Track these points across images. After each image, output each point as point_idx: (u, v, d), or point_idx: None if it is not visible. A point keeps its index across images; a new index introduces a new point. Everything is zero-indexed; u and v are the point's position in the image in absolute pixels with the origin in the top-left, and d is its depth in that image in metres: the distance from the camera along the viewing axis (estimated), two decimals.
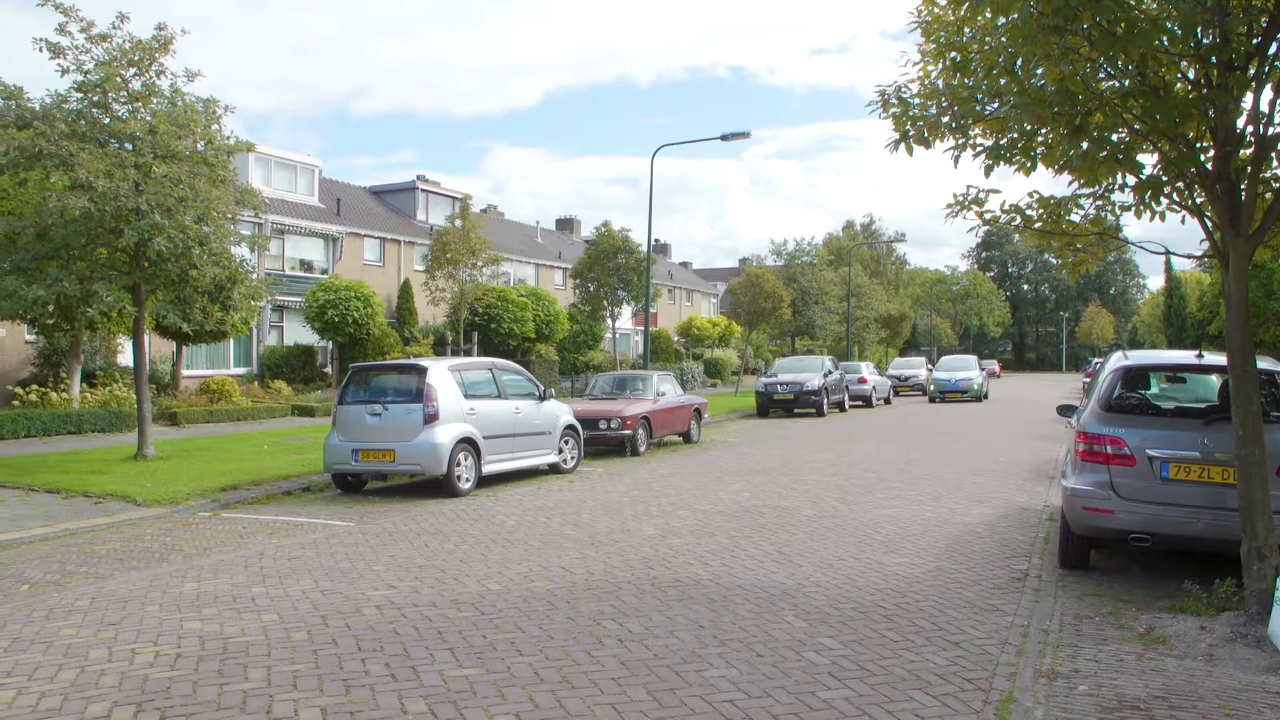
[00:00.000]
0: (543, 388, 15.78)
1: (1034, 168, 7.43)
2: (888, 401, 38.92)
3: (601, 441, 18.53)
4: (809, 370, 31.82)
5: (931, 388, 40.40)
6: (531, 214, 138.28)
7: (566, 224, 64.94)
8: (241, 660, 5.98)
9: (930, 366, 45.35)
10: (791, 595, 7.52)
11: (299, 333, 35.56)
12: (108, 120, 15.58)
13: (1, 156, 15.70)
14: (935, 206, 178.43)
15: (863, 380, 36.44)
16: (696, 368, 50.12)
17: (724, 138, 28.60)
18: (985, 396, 40.58)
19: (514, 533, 10.39)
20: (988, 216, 8.20)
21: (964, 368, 41.37)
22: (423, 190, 45.85)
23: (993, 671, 5.74)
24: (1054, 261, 12.18)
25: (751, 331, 50.95)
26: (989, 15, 6.88)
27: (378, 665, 5.85)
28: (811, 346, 58.39)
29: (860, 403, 36.11)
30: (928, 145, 7.70)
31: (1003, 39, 6.92)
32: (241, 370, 33.51)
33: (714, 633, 6.50)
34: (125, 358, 28.45)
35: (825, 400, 30.77)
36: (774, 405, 30.59)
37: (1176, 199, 7.23)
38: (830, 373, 32.43)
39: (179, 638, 6.47)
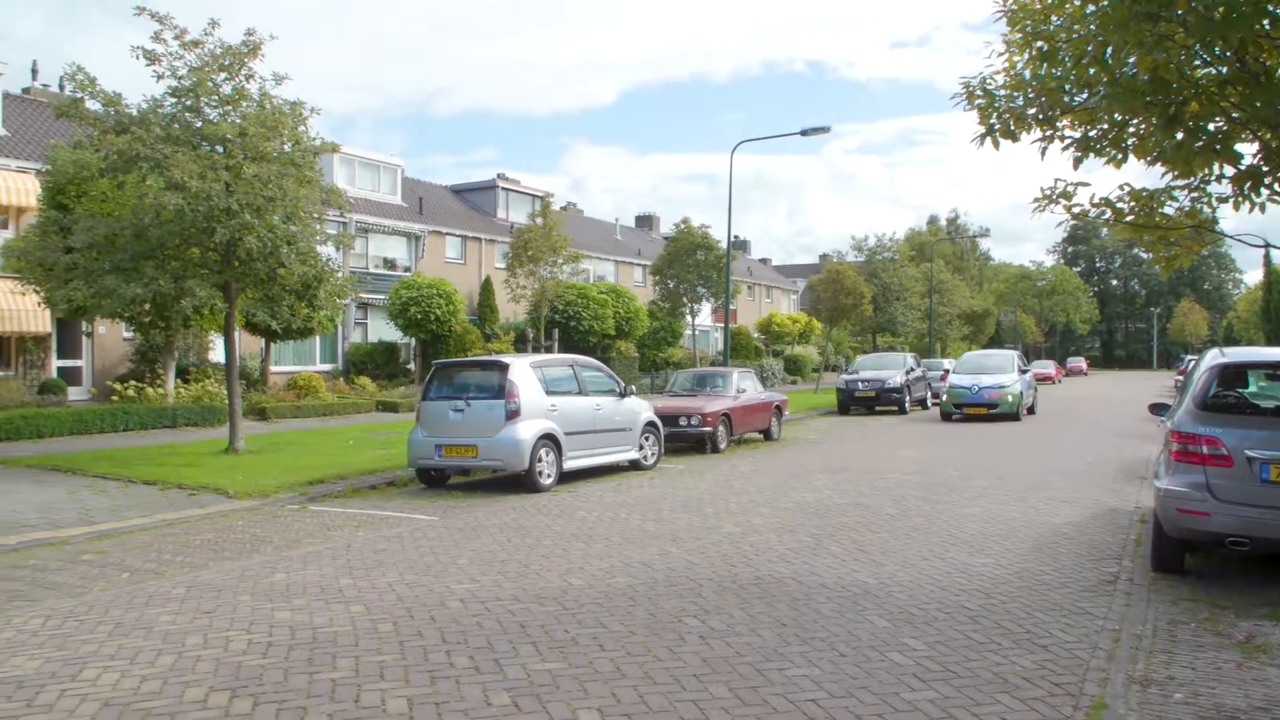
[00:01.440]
0: (623, 384, 15.84)
1: (1125, 160, 7.23)
2: None
3: (681, 438, 18.52)
4: (891, 367, 31.43)
5: (944, 398, 27.88)
6: (610, 211, 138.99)
7: (645, 221, 65.06)
8: (330, 650, 6.11)
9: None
10: (874, 594, 7.45)
11: (383, 330, 36.18)
12: (200, 124, 16.00)
13: (101, 161, 16.29)
14: (1020, 200, 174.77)
15: (945, 377, 35.83)
16: (776, 365, 49.87)
17: (804, 133, 28.39)
18: (1031, 411, 29.05)
19: (595, 528, 10.44)
20: (1076, 210, 7.98)
21: (995, 369, 28.32)
22: (503, 188, 46.30)
23: (1083, 676, 5.61)
24: (1145, 256, 11.91)
25: (832, 328, 50.45)
26: (1077, 2, 6.72)
27: (462, 658, 5.93)
28: (893, 343, 57.68)
29: None
30: (1014, 138, 7.55)
31: (1092, 27, 6.73)
32: (327, 366, 34.20)
33: (796, 631, 6.47)
34: (216, 354, 29.23)
35: (907, 398, 30.36)
36: (855, 403, 30.28)
37: (1278, 189, 6.99)
38: (912, 370, 32.00)
39: (270, 627, 6.63)
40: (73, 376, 27.44)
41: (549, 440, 13.63)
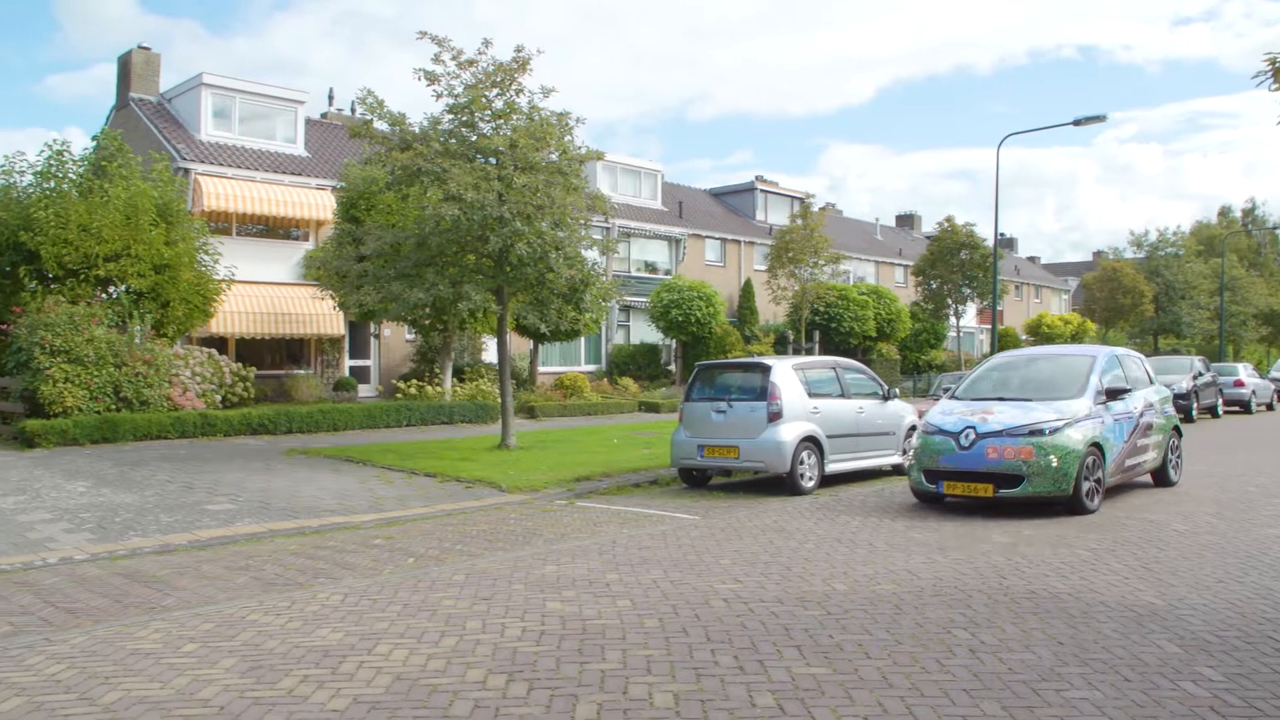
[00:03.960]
0: (886, 387, 15.52)
1: None
2: (1270, 407, 34.93)
3: None
4: (1175, 371, 29.16)
5: (913, 453, 12.42)
6: (868, 211, 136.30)
7: (906, 220, 63.50)
8: (599, 641, 6.30)
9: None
10: (1162, 616, 6.92)
11: (644, 331, 37.05)
12: (474, 137, 16.94)
13: (388, 176, 17.50)
14: None
15: (1239, 383, 32.88)
16: None
17: (1076, 122, 26.94)
18: (1164, 480, 13.72)
19: (858, 534, 10.27)
20: None
21: (1044, 385, 12.56)
22: (761, 190, 46.40)
23: None
24: None
25: (1108, 329, 47.48)
26: None
27: (726, 657, 5.97)
28: (1177, 346, 53.55)
29: (1237, 408, 32.67)
30: None
31: None
32: (591, 367, 35.37)
33: (1074, 651, 6.10)
34: (489, 355, 30.85)
35: (1194, 404, 28.08)
36: None
37: None
38: (1200, 374, 29.53)
39: (543, 616, 6.92)
40: (362, 375, 29.74)
41: (811, 443, 13.53)
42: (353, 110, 30.60)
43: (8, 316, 19.47)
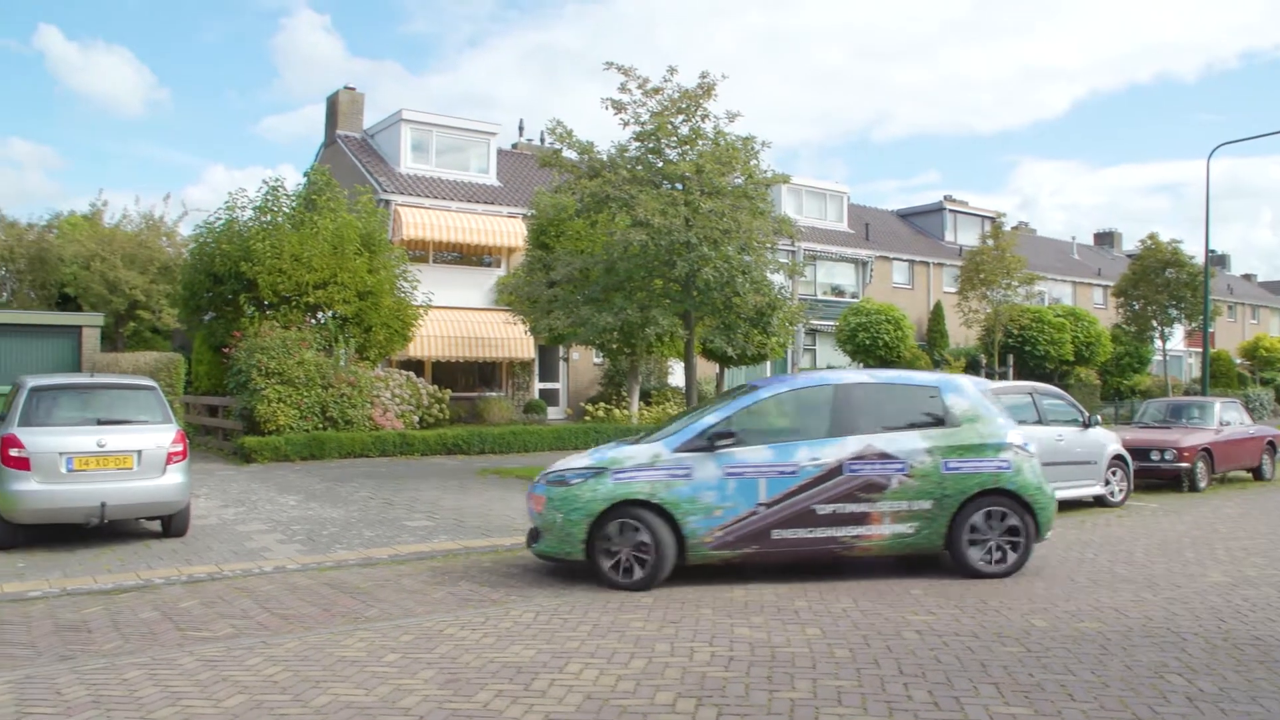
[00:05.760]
0: (1086, 414, 14.80)
1: None
2: None
3: (1153, 474, 16.91)
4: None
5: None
6: (1063, 229, 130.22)
7: (1105, 238, 60.56)
8: (788, 669, 6.21)
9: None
10: None
11: (830, 355, 36.58)
12: (660, 164, 17.17)
13: (577, 202, 17.94)
14: None
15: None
16: (1265, 394, 44.22)
17: None
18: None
19: (1058, 567, 9.80)
20: None
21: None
22: (950, 210, 45.26)
23: None
24: None
25: None
26: None
27: (920, 691, 5.79)
28: None
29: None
30: None
31: None
32: None
33: None
34: (675, 379, 31.08)
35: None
36: None
37: None
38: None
39: (731, 641, 6.88)
40: (551, 398, 30.47)
41: None
42: (542, 140, 31.59)
43: (229, 341, 20.87)
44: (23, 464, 9.92)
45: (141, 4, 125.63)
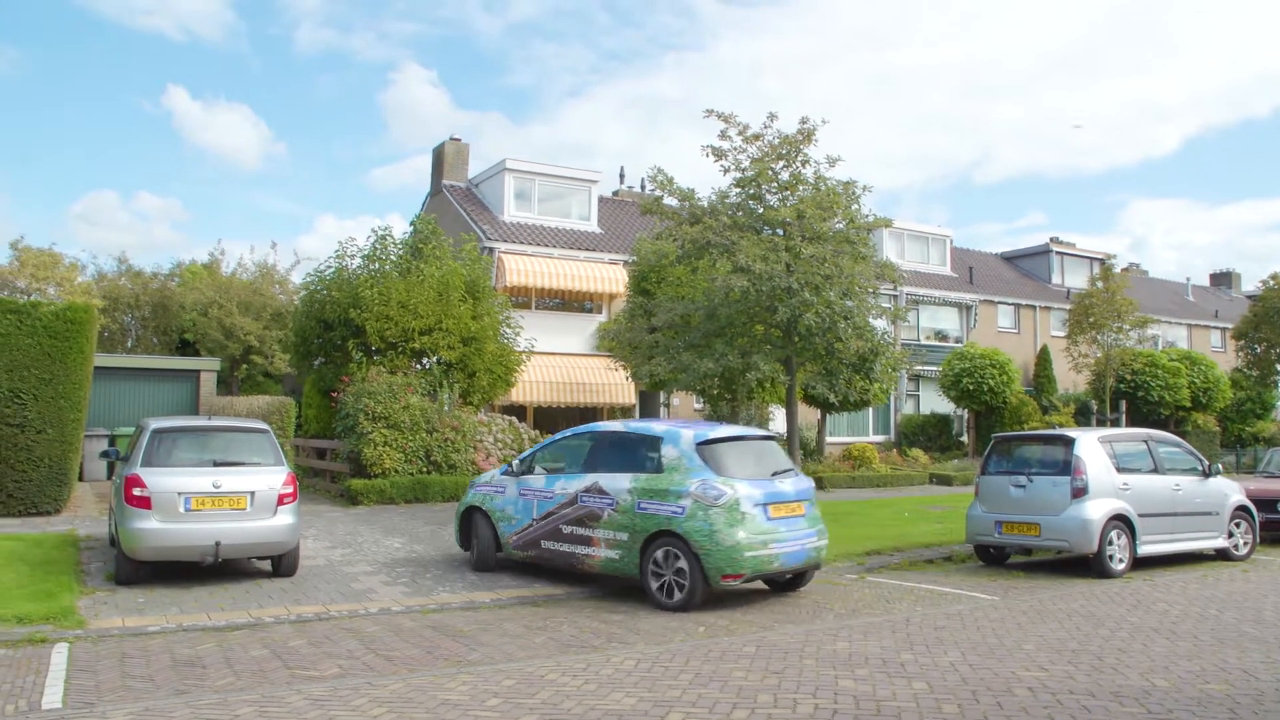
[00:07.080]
0: (1206, 462, 14.23)
1: None
2: None
3: None
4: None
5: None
6: (1177, 270, 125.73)
7: (1223, 278, 58.44)
8: None
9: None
10: None
11: (934, 401, 35.93)
12: (761, 209, 17.19)
13: (677, 249, 18.03)
14: None
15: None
16: None
17: None
18: None
19: (1179, 624, 9.39)
20: None
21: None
22: (1056, 252, 44.24)
23: None
24: None
25: None
26: None
27: None
28: None
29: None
30: None
31: None
32: (879, 438, 34.59)
33: None
34: (776, 424, 30.80)
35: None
36: None
37: None
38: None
39: (835, 694, 6.73)
40: None
41: (1120, 521, 12.57)
42: (643, 187, 31.91)
43: (338, 385, 21.40)
44: (145, 503, 10.29)
45: (261, 63, 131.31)
